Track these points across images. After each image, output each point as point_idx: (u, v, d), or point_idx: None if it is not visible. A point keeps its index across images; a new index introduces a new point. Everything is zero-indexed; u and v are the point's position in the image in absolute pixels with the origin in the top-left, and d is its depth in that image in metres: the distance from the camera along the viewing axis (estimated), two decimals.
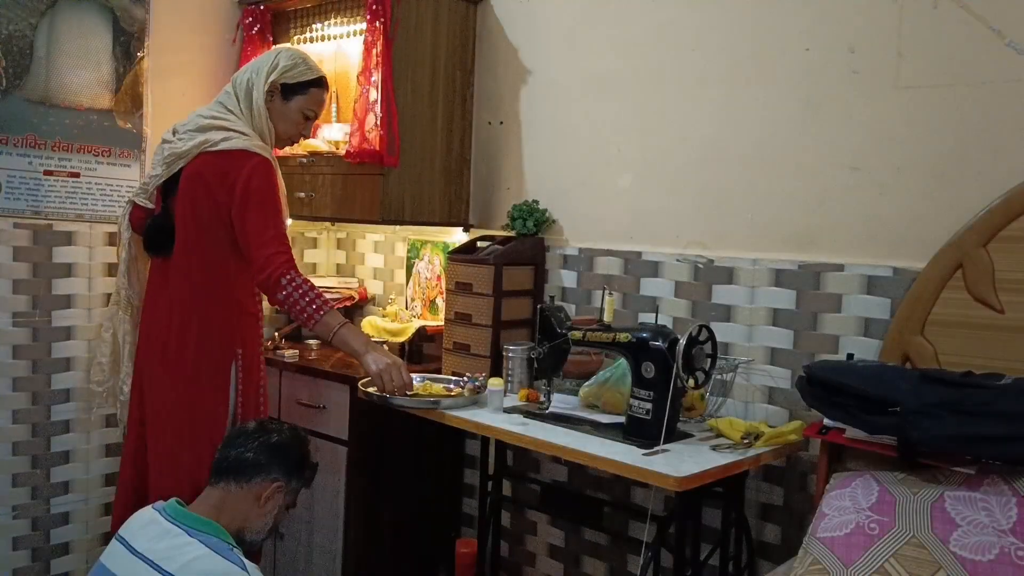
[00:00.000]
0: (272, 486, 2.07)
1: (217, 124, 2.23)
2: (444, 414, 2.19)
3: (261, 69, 2.27)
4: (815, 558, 1.61)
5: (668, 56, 2.41)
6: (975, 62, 1.91)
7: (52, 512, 2.71)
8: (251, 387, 2.31)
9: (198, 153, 2.20)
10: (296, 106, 2.32)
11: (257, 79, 2.26)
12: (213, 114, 2.27)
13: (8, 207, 2.57)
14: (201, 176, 2.20)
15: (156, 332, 2.27)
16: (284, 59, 2.29)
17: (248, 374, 2.29)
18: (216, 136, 2.20)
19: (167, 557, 1.86)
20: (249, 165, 2.17)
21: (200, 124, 2.24)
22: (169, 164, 2.24)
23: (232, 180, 2.17)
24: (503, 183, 2.82)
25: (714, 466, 1.82)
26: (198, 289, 2.22)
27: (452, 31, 2.76)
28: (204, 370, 2.23)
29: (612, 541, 2.54)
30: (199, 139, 2.21)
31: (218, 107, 2.29)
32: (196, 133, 2.23)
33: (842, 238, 2.11)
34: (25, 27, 2.56)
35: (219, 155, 2.19)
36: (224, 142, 2.19)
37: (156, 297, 2.30)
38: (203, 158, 2.20)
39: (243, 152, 2.18)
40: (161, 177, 2.26)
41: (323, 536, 2.63)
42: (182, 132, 2.27)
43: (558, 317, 2.18)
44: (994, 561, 1.46)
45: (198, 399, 2.23)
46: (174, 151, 2.23)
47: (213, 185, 2.18)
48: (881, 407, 1.67)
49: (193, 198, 2.21)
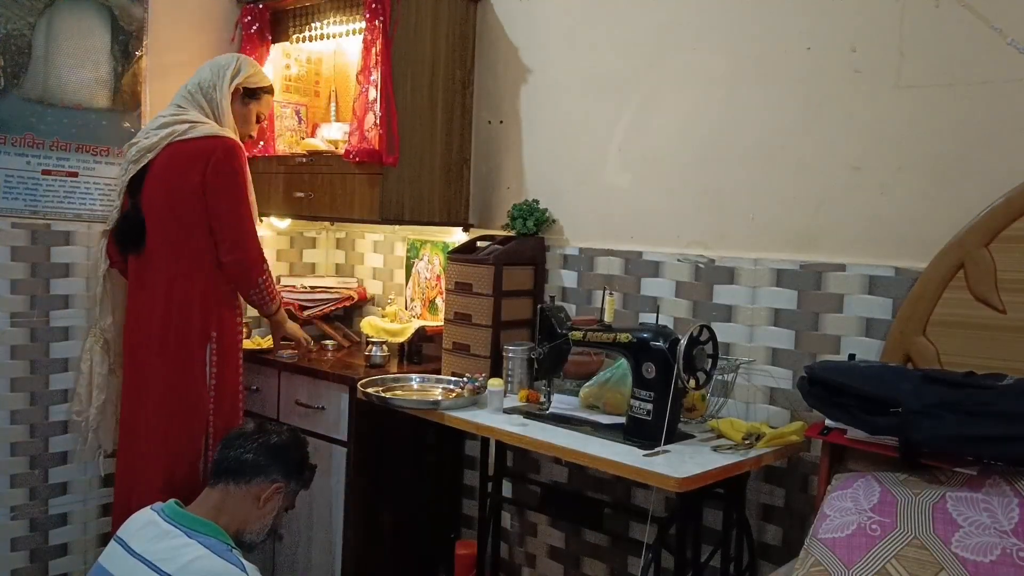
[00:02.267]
0: (271, 487, 2.07)
1: (180, 119, 2.38)
2: (444, 415, 2.19)
3: (223, 72, 2.45)
4: (816, 559, 1.60)
5: (669, 55, 2.40)
6: (977, 61, 1.90)
7: (50, 513, 2.70)
8: (227, 370, 2.41)
9: (166, 144, 2.33)
10: (253, 108, 2.54)
11: (220, 81, 2.44)
12: (173, 113, 2.41)
13: (6, 207, 2.56)
14: (172, 164, 2.33)
15: (143, 331, 2.37)
16: (245, 65, 2.50)
17: (223, 357, 2.40)
18: (182, 127, 2.35)
19: (166, 558, 1.86)
20: (221, 146, 2.33)
21: (163, 122, 2.39)
22: (137, 160, 2.37)
23: (204, 160, 2.31)
24: (503, 183, 2.82)
25: (715, 467, 1.82)
26: (174, 277, 2.33)
27: (452, 30, 2.75)
28: (185, 354, 2.34)
29: (612, 542, 2.54)
30: (165, 132, 2.35)
31: (176, 108, 2.43)
32: (159, 129, 2.37)
33: (843, 238, 2.11)
34: (23, 26, 2.55)
35: (188, 142, 2.34)
36: (191, 130, 2.35)
37: (136, 295, 2.41)
38: (172, 148, 2.34)
39: (212, 136, 2.34)
40: (129, 173, 2.38)
41: (322, 537, 2.63)
42: (145, 132, 2.42)
43: (558, 317, 2.18)
44: (996, 562, 1.46)
45: (181, 383, 2.34)
46: (140, 146, 2.36)
47: (185, 169, 2.31)
48: (883, 408, 1.66)
49: (165, 187, 2.33)
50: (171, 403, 2.34)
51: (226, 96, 2.44)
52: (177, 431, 2.35)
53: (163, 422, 2.34)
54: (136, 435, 2.40)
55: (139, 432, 2.39)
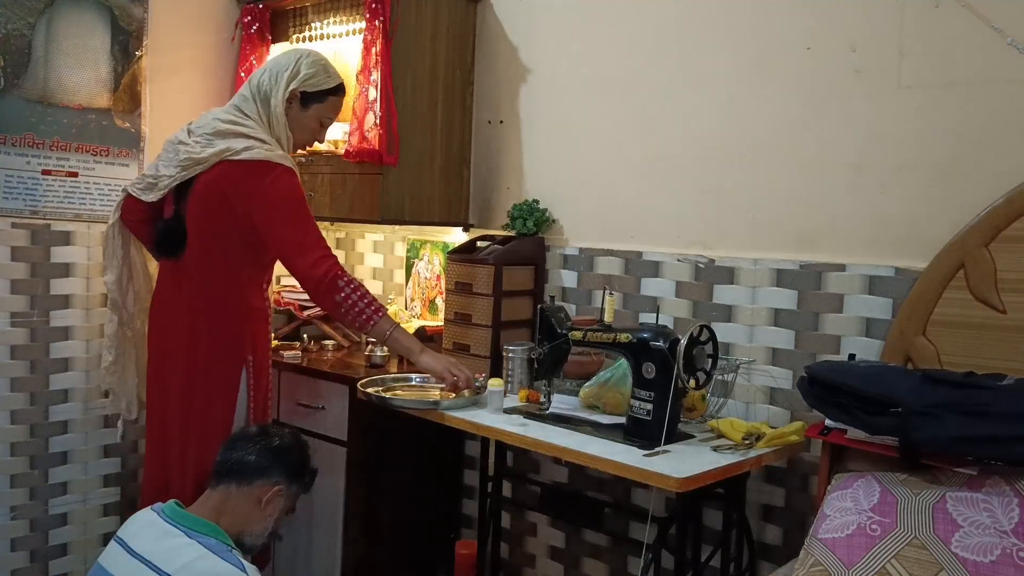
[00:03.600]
0: (273, 490, 2.07)
1: (237, 130, 2.20)
2: (444, 415, 2.18)
3: (280, 75, 2.23)
4: (816, 559, 1.60)
5: (669, 55, 2.40)
6: (977, 61, 1.90)
7: (50, 513, 2.70)
8: (261, 391, 2.33)
9: (218, 161, 2.16)
10: (314, 114, 2.30)
11: (276, 85, 2.23)
12: (231, 118, 2.23)
13: (6, 207, 2.56)
14: (220, 185, 2.17)
15: (169, 337, 2.27)
16: (305, 66, 2.25)
17: (258, 379, 2.31)
18: (238, 144, 2.17)
19: (166, 558, 1.86)
20: (271, 176, 2.15)
21: (218, 128, 2.20)
22: (186, 168, 2.20)
23: (251, 191, 2.15)
24: (503, 183, 2.81)
25: (715, 467, 1.81)
26: (211, 294, 2.22)
27: (452, 30, 2.75)
28: (215, 376, 2.23)
29: (613, 542, 2.54)
30: (220, 146, 2.17)
31: (235, 111, 2.25)
32: (214, 138, 2.19)
33: (844, 238, 2.11)
34: (23, 26, 2.55)
35: (240, 165, 2.15)
36: (246, 151, 2.16)
37: (167, 301, 2.30)
38: (223, 166, 2.16)
39: (264, 163, 2.16)
40: (175, 180, 2.22)
41: (322, 537, 2.63)
42: (198, 135, 2.22)
43: (558, 317, 2.18)
44: (996, 562, 1.46)
45: (209, 405, 2.24)
46: (192, 155, 2.19)
47: (231, 194, 2.16)
48: (883, 408, 1.66)
49: (209, 205, 2.19)
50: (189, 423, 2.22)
51: (281, 103, 2.23)
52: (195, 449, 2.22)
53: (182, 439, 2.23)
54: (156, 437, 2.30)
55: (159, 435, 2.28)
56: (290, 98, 2.25)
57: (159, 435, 2.30)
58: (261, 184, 2.15)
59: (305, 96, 2.26)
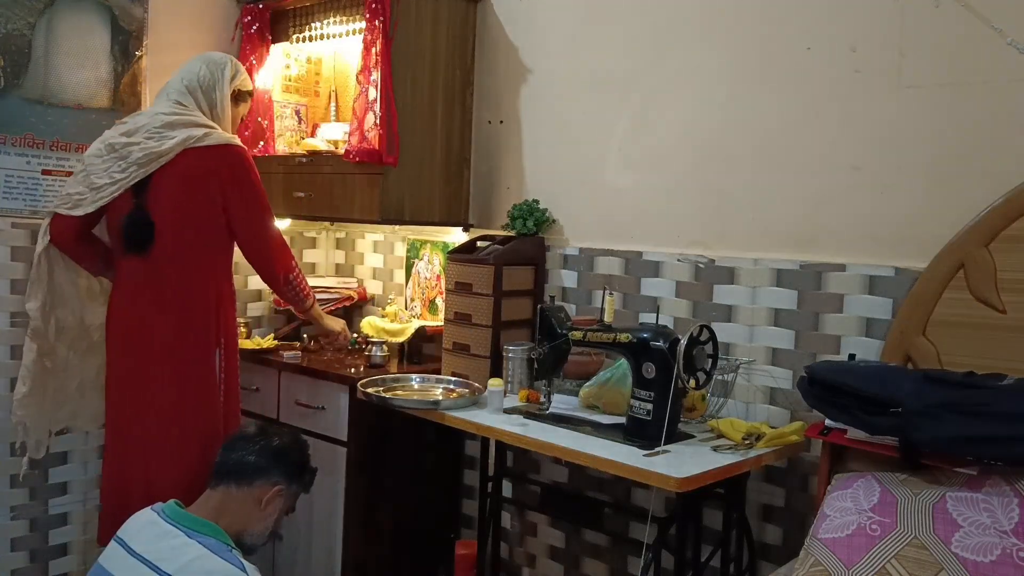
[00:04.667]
0: (273, 490, 2.07)
1: (189, 120, 2.32)
2: (444, 415, 2.19)
3: (222, 72, 2.40)
4: (816, 559, 1.60)
5: (669, 55, 2.40)
6: (977, 61, 1.90)
7: (50, 513, 2.70)
8: (231, 374, 2.40)
9: (181, 151, 2.27)
10: (240, 111, 2.52)
11: (220, 82, 2.40)
12: (175, 110, 2.34)
13: (6, 207, 2.57)
14: (190, 172, 2.27)
15: (141, 332, 2.30)
16: (239, 69, 2.46)
17: (229, 361, 2.38)
18: (198, 132, 2.29)
19: (165, 558, 1.86)
20: (237, 156, 2.31)
21: (167, 121, 2.30)
22: (145, 164, 2.27)
23: (222, 171, 2.28)
24: (503, 182, 2.81)
25: (715, 467, 1.82)
26: (182, 283, 2.29)
27: (452, 30, 2.75)
28: (192, 362, 2.30)
29: (613, 542, 2.54)
30: (180, 136, 2.27)
31: (175, 104, 2.36)
32: (166, 130, 2.29)
33: (844, 238, 2.11)
34: (23, 26, 2.55)
35: (205, 150, 2.28)
36: (207, 137, 2.29)
37: (134, 296, 2.32)
38: (188, 154, 2.27)
39: (227, 146, 2.31)
40: (135, 178, 2.27)
41: (322, 537, 2.63)
42: (146, 132, 2.29)
43: (558, 317, 2.18)
44: (996, 562, 1.46)
45: (192, 391, 2.30)
46: (151, 151, 2.26)
47: (203, 178, 2.27)
48: (883, 408, 1.66)
49: (183, 193, 2.27)
50: (182, 412, 2.28)
51: (227, 97, 2.40)
52: (189, 440, 2.27)
53: (173, 431, 2.27)
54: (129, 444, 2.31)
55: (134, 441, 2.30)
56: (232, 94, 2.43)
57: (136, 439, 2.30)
58: (230, 163, 2.30)
59: (236, 94, 2.46)
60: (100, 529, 2.39)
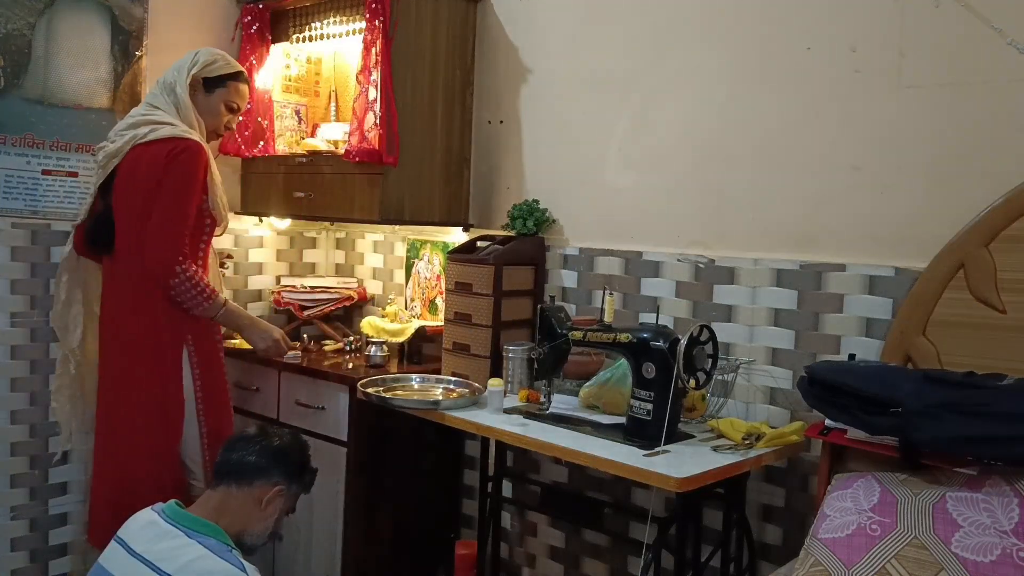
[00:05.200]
0: (273, 490, 2.07)
1: (146, 119, 2.35)
2: (444, 415, 2.19)
3: (182, 66, 2.41)
4: (816, 559, 1.60)
5: (669, 55, 2.40)
6: (977, 61, 1.90)
7: (50, 513, 2.70)
8: (211, 373, 2.39)
9: (130, 148, 2.31)
10: (218, 98, 2.45)
11: (179, 76, 2.39)
12: (142, 112, 2.39)
13: (6, 207, 2.57)
14: (134, 168, 2.31)
15: (114, 330, 2.36)
16: (203, 56, 2.43)
17: (204, 360, 2.36)
18: (144, 129, 2.32)
19: (165, 558, 1.86)
20: (177, 149, 2.29)
21: (131, 123, 2.37)
22: (104, 165, 2.36)
23: (161, 164, 2.27)
24: (503, 182, 2.81)
25: (715, 467, 1.82)
26: (142, 280, 2.29)
27: (452, 30, 2.75)
28: (157, 359, 2.31)
29: (612, 542, 2.54)
30: (129, 135, 2.33)
31: (146, 106, 2.42)
32: (126, 131, 2.35)
33: (843, 238, 2.11)
34: (23, 26, 2.55)
35: (148, 145, 2.31)
36: (151, 133, 2.32)
37: (110, 297, 2.40)
38: (134, 152, 2.32)
39: (170, 139, 2.30)
40: (100, 178, 2.37)
41: (322, 537, 2.63)
42: (114, 135, 2.39)
43: (558, 317, 2.18)
44: (995, 562, 1.46)
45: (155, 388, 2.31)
46: (108, 151, 2.35)
47: (146, 173, 2.29)
48: (883, 408, 1.66)
49: (129, 191, 2.31)
50: (146, 407, 2.30)
51: (185, 90, 2.37)
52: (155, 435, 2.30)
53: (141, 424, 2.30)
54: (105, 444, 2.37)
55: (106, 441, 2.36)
56: (192, 84, 2.39)
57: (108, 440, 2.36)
58: (167, 156, 2.28)
59: (207, 82, 2.42)
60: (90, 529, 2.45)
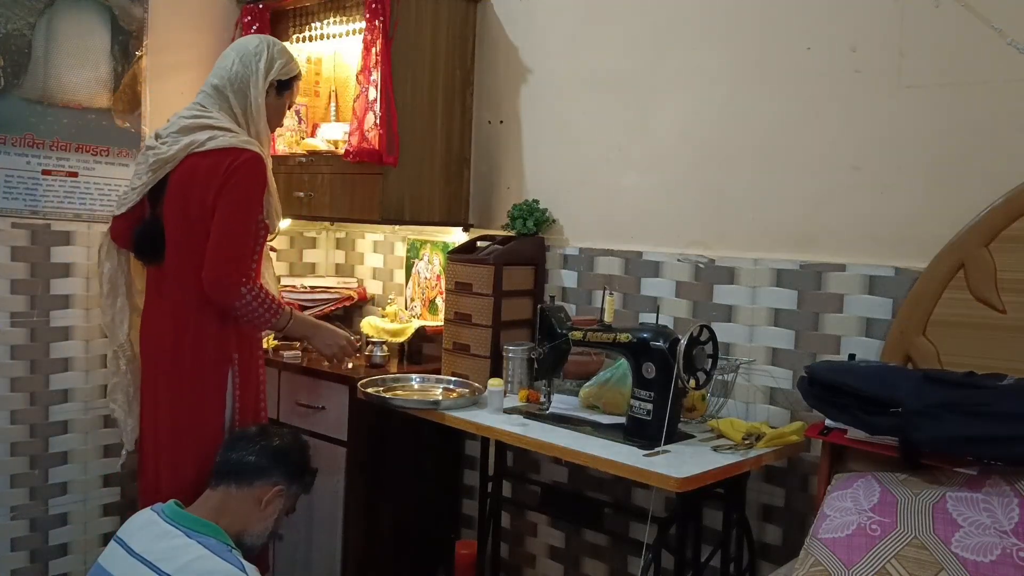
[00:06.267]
0: (273, 490, 2.07)
1: (201, 123, 2.20)
2: (444, 415, 2.19)
3: (256, 65, 2.24)
4: (816, 559, 1.60)
5: (669, 55, 2.40)
6: (977, 61, 1.90)
7: (50, 513, 2.70)
8: (249, 392, 2.29)
9: (186, 156, 2.17)
10: (286, 100, 2.37)
11: (255, 76, 2.23)
12: (194, 114, 2.23)
13: (6, 207, 2.57)
14: (190, 179, 2.17)
15: (156, 342, 2.26)
16: (277, 54, 2.28)
17: (245, 379, 2.28)
18: (202, 136, 2.17)
19: (165, 558, 1.86)
20: (239, 161, 2.14)
21: (183, 126, 2.21)
22: (155, 170, 2.21)
23: (222, 176, 2.13)
24: (503, 182, 2.81)
25: (715, 467, 1.82)
26: (192, 294, 2.19)
27: (452, 30, 2.75)
28: (200, 378, 2.21)
29: (612, 542, 2.54)
30: (185, 141, 2.18)
31: (198, 107, 2.25)
32: (180, 136, 2.20)
33: (843, 238, 2.11)
34: (23, 26, 2.55)
35: (207, 155, 2.15)
36: (211, 141, 2.16)
37: (153, 306, 2.30)
38: (191, 160, 2.17)
39: (232, 149, 2.15)
40: (148, 184, 2.22)
41: (322, 537, 2.63)
42: (165, 136, 2.23)
43: (558, 317, 2.18)
44: (996, 562, 1.46)
45: (196, 408, 2.21)
46: (159, 156, 2.20)
47: (202, 186, 2.15)
48: (883, 408, 1.66)
49: (183, 202, 2.18)
50: (180, 427, 2.21)
51: (262, 93, 2.24)
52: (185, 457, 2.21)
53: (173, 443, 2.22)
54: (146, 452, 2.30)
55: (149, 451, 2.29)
56: (268, 88, 2.27)
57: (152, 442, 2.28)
58: (227, 169, 2.13)
59: (280, 84, 2.31)
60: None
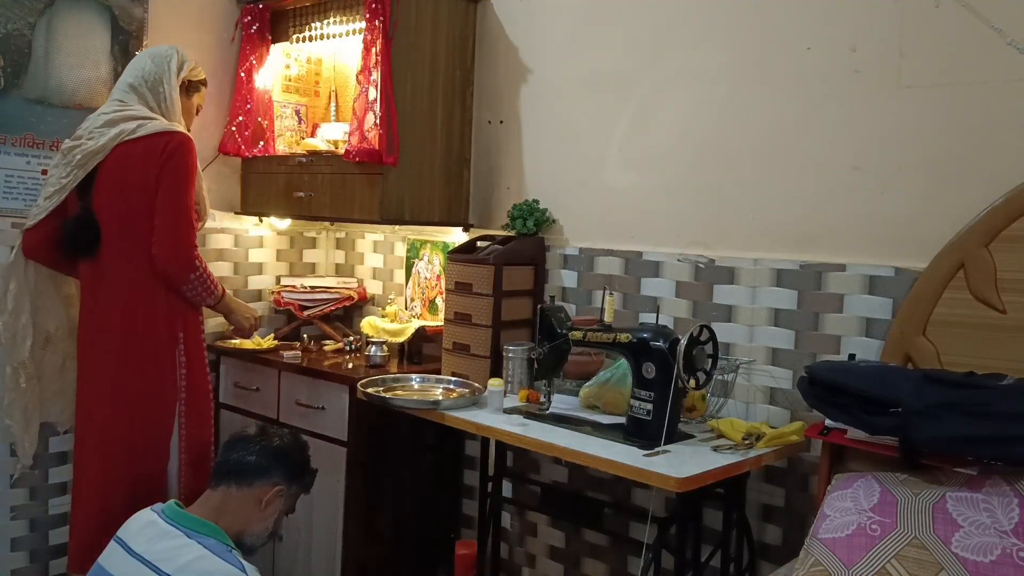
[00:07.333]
0: (273, 490, 2.07)
1: (126, 115, 2.30)
2: (444, 415, 2.19)
3: (168, 64, 2.37)
4: (816, 559, 1.60)
5: (669, 55, 2.40)
6: (976, 61, 1.90)
7: (50, 513, 2.70)
8: (195, 371, 2.37)
9: (115, 145, 2.25)
10: (195, 101, 2.49)
11: (167, 74, 2.37)
12: (116, 108, 2.32)
13: (6, 207, 2.57)
14: (124, 164, 2.25)
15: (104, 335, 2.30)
16: (187, 58, 2.43)
17: (191, 358, 2.35)
18: (131, 125, 2.27)
19: (165, 558, 1.86)
20: (174, 142, 2.26)
21: (108, 120, 2.30)
22: (83, 164, 2.27)
23: (158, 157, 2.24)
24: (503, 182, 2.81)
25: (715, 467, 1.82)
26: (136, 280, 2.26)
27: (452, 30, 2.75)
28: (152, 360, 2.29)
29: (612, 542, 2.54)
30: (112, 132, 2.27)
31: (116, 103, 2.34)
32: (106, 128, 2.28)
33: (843, 238, 2.11)
34: (23, 26, 2.55)
35: (139, 141, 2.26)
36: (140, 128, 2.27)
37: (93, 299, 2.32)
38: (121, 148, 2.26)
39: (164, 132, 2.27)
40: (77, 179, 2.28)
41: (322, 537, 2.63)
42: (88, 132, 2.30)
43: (558, 317, 2.18)
44: (995, 562, 1.46)
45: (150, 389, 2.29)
46: (87, 150, 2.26)
47: (139, 169, 2.24)
48: (883, 408, 1.66)
49: (120, 187, 2.25)
50: (139, 410, 2.28)
51: (175, 88, 2.36)
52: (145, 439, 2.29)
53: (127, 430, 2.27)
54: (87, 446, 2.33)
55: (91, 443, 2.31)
56: (182, 86, 2.39)
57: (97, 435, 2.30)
58: (164, 150, 2.24)
59: (189, 84, 2.44)
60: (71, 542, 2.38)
